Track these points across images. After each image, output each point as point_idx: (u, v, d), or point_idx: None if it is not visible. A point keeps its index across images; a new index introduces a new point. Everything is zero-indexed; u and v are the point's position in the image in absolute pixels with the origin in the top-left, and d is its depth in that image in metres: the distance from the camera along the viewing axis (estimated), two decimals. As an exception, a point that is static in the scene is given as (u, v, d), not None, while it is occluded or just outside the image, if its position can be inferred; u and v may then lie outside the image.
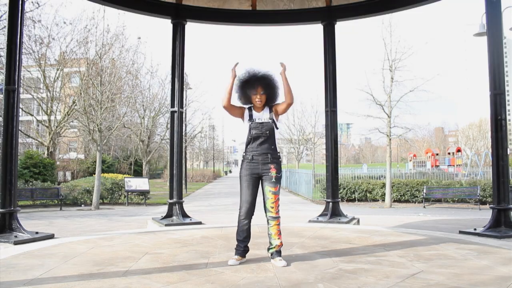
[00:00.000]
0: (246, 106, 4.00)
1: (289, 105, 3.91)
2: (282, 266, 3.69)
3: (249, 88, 3.89)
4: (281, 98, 4.00)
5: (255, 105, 3.92)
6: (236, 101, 4.01)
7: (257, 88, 3.86)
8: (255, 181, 3.88)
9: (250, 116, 3.92)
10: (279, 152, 3.94)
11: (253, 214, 3.90)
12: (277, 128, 3.92)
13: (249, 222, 3.89)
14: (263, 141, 3.85)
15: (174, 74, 7.26)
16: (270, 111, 3.93)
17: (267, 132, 3.85)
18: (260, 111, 3.93)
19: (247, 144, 3.91)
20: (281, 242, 3.85)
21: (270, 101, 3.96)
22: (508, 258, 4.09)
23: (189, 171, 37.82)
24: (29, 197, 14.95)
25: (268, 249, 3.90)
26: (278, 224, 3.85)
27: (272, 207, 3.82)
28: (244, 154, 3.95)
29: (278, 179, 3.85)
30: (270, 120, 3.89)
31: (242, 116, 3.98)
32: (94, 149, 22.58)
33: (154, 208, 15.07)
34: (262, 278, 3.34)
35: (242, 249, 3.89)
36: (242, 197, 3.88)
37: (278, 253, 3.84)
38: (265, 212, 3.87)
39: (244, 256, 3.92)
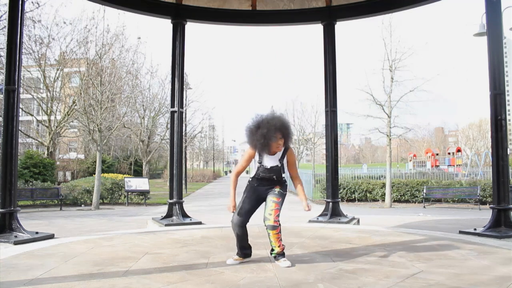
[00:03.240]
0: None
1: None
2: (286, 266, 3.69)
3: (270, 136, 3.69)
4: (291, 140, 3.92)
5: (275, 151, 3.82)
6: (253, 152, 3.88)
7: (277, 134, 3.71)
8: (257, 196, 3.88)
9: (260, 158, 3.84)
10: (284, 177, 3.93)
11: (246, 223, 3.84)
12: (283, 172, 3.89)
13: (242, 229, 3.83)
14: (270, 181, 3.88)
15: (174, 74, 7.27)
16: (283, 156, 3.86)
17: (274, 176, 3.85)
18: (272, 154, 3.84)
19: (254, 177, 3.91)
20: (281, 248, 3.82)
21: (287, 144, 3.88)
22: (508, 258, 4.09)
23: (189, 171, 37.81)
24: (29, 197, 14.94)
25: (271, 253, 3.91)
26: (278, 233, 3.78)
27: (271, 214, 3.74)
28: (252, 177, 3.94)
29: (281, 194, 3.86)
30: (279, 164, 3.83)
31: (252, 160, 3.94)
32: (94, 149, 22.58)
33: (154, 208, 15.06)
34: (262, 278, 3.34)
35: (241, 253, 3.92)
36: (242, 204, 3.84)
37: (282, 255, 3.83)
38: (264, 221, 3.79)
39: (246, 258, 3.94)
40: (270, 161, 3.84)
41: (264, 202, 3.90)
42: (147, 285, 3.16)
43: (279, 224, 3.78)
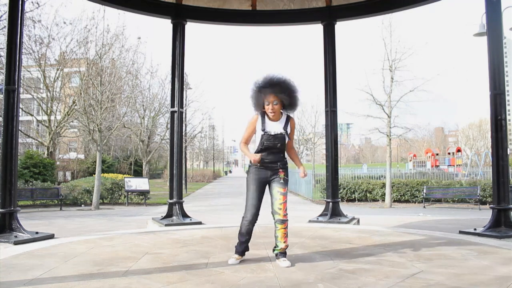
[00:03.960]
0: (257, 113, 3.84)
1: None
2: (285, 266, 3.68)
3: (262, 97, 3.70)
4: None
5: (268, 115, 3.76)
6: (254, 111, 3.87)
7: (269, 97, 3.66)
8: (263, 186, 3.83)
9: (263, 125, 3.75)
10: (286, 158, 3.89)
11: (257, 219, 3.86)
12: (289, 139, 3.82)
13: (253, 226, 3.88)
14: (275, 151, 3.78)
15: (174, 74, 7.26)
16: (286, 123, 3.78)
17: (279, 144, 3.75)
18: (275, 120, 3.76)
19: (257, 151, 3.80)
20: (286, 245, 3.82)
21: (288, 109, 3.80)
22: (508, 258, 4.09)
23: (189, 171, 37.81)
24: (29, 197, 14.94)
25: (274, 249, 3.91)
26: (285, 228, 3.78)
27: (280, 209, 3.73)
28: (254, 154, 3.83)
29: (286, 182, 3.81)
30: (284, 132, 3.75)
31: (255, 129, 3.84)
32: (94, 149, 22.57)
33: (154, 208, 15.06)
34: (262, 278, 3.34)
35: (243, 249, 3.90)
36: (249, 201, 3.81)
37: (283, 254, 3.83)
38: (273, 215, 3.80)
39: (243, 255, 3.94)
40: (274, 128, 3.76)
41: (268, 187, 3.82)
42: (147, 285, 3.16)
43: (288, 219, 3.80)
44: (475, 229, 5.69)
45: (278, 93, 3.67)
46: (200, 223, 6.84)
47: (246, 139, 3.86)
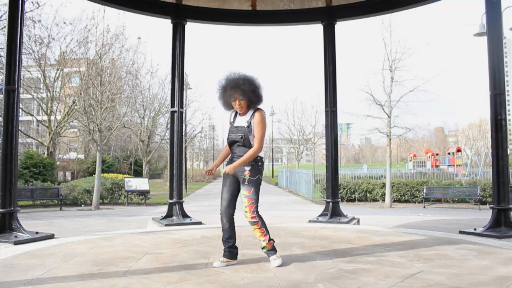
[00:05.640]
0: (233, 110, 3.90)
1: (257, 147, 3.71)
2: (275, 266, 3.65)
3: (227, 96, 3.75)
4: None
5: (238, 111, 3.82)
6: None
7: (234, 94, 3.70)
8: (232, 179, 3.80)
9: (234, 119, 3.85)
10: (259, 156, 3.75)
11: (232, 213, 3.79)
12: (250, 134, 3.73)
13: (229, 220, 3.78)
14: (240, 145, 3.77)
15: (174, 74, 7.26)
16: (252, 116, 3.76)
17: (241, 136, 3.73)
18: (243, 115, 3.80)
19: (228, 144, 3.89)
20: (269, 242, 3.74)
21: (255, 104, 3.78)
22: (508, 258, 4.09)
23: (189, 171, 37.81)
24: (29, 197, 14.94)
25: (262, 249, 3.84)
26: (260, 227, 3.72)
27: (246, 211, 3.69)
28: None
29: (251, 182, 3.68)
30: (246, 124, 3.73)
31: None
32: (94, 149, 22.59)
33: (154, 208, 15.06)
34: (262, 278, 3.34)
35: (228, 251, 3.78)
36: (221, 195, 3.84)
37: (272, 251, 3.76)
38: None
39: (233, 258, 3.81)
40: (239, 121, 3.81)
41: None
42: (147, 285, 3.16)
43: (259, 219, 3.71)
44: (475, 229, 5.69)
45: (241, 90, 3.70)
46: (200, 223, 6.84)
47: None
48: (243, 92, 3.69)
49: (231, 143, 3.83)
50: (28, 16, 17.59)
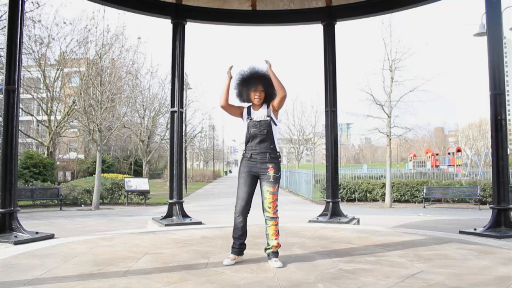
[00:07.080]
0: (245, 105, 4.00)
1: (283, 98, 3.82)
2: (277, 267, 3.65)
3: (250, 85, 3.88)
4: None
5: (254, 103, 3.90)
6: (234, 99, 4.01)
7: (258, 85, 3.84)
8: (252, 179, 3.86)
9: (249, 114, 3.91)
10: (278, 152, 3.89)
11: (248, 212, 3.88)
12: (275, 125, 3.89)
13: (244, 219, 3.86)
14: (262, 139, 3.83)
15: (174, 74, 7.26)
16: (268, 108, 3.90)
17: (265, 130, 3.81)
18: (258, 109, 3.91)
19: (246, 142, 3.91)
20: (278, 243, 3.80)
21: (268, 100, 3.93)
22: (508, 258, 4.09)
23: (189, 171, 37.79)
24: (29, 197, 14.94)
25: (265, 249, 3.86)
26: (276, 225, 3.81)
27: (270, 207, 3.78)
28: (244, 152, 3.95)
29: (276, 179, 3.81)
30: (268, 118, 3.84)
31: (241, 115, 3.98)
32: (94, 149, 22.58)
33: (154, 208, 15.06)
34: (262, 278, 3.34)
35: (238, 247, 3.87)
36: (238, 194, 3.88)
37: (275, 254, 3.79)
38: (263, 212, 3.85)
39: (241, 254, 3.89)
40: (258, 114, 3.88)
41: (259, 181, 3.87)
42: (147, 285, 3.16)
43: (278, 216, 3.82)
44: (475, 229, 5.69)
45: (266, 83, 3.86)
46: (200, 223, 6.84)
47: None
48: (267, 86, 3.85)
49: (252, 138, 3.86)
50: (28, 16, 17.58)
